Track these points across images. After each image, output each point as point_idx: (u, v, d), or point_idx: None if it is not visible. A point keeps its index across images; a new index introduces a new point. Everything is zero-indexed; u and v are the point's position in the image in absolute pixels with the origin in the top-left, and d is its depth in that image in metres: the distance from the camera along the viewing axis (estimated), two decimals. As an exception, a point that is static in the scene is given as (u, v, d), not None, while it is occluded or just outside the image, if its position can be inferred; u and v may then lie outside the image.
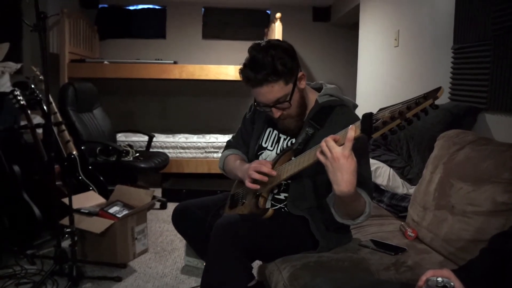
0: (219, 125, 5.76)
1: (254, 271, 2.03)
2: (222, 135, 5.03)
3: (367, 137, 1.29)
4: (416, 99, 1.20)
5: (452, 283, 1.05)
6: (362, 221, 1.55)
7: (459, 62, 2.59)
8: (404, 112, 1.21)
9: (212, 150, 4.77)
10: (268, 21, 5.97)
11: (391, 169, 2.42)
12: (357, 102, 1.82)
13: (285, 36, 4.67)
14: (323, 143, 1.35)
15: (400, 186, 2.37)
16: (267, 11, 6.14)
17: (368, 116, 1.27)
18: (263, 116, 1.84)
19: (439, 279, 1.06)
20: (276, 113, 1.64)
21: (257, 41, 1.65)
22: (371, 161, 2.51)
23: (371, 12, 4.27)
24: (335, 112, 1.68)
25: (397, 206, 2.29)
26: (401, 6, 3.54)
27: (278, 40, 1.68)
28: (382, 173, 2.40)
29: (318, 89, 1.80)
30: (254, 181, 1.65)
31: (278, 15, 4.72)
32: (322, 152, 1.35)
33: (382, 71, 3.90)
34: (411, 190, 2.29)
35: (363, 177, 1.55)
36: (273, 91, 1.58)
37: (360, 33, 4.55)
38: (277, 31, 4.71)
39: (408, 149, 2.42)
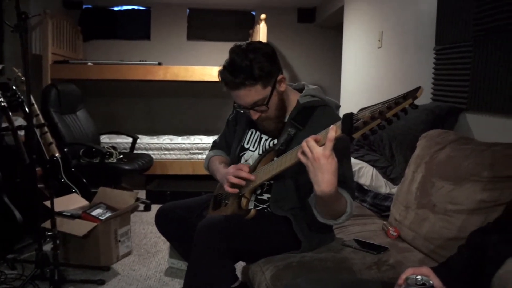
0: (203, 126, 5.75)
1: (238, 272, 2.04)
2: (206, 136, 5.02)
3: (348, 137, 1.29)
4: (396, 99, 1.21)
5: (431, 281, 1.06)
6: (344, 221, 1.56)
7: (440, 63, 2.62)
8: (384, 112, 1.21)
9: (197, 151, 4.75)
10: (253, 22, 5.98)
11: (374, 169, 2.43)
12: (341, 103, 1.83)
13: (270, 37, 4.68)
14: (304, 144, 1.35)
15: (383, 186, 2.38)
16: (252, 12, 6.15)
17: (348, 116, 1.27)
18: (245, 117, 1.84)
19: (418, 277, 1.07)
20: (254, 115, 1.66)
21: (238, 43, 1.66)
22: (355, 161, 2.52)
23: (355, 13, 4.30)
24: (317, 112, 1.69)
25: (380, 205, 2.30)
26: (384, 8, 3.57)
27: (259, 42, 1.69)
28: (365, 173, 2.41)
29: (301, 90, 1.81)
30: (233, 185, 1.66)
31: (262, 16, 4.73)
32: (303, 153, 1.36)
33: (366, 71, 3.92)
34: (394, 189, 2.30)
35: (345, 177, 1.55)
36: (250, 94, 1.59)
37: (344, 34, 4.57)
38: (261, 32, 4.72)
39: (391, 149, 2.43)
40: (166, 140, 4.89)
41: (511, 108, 1.97)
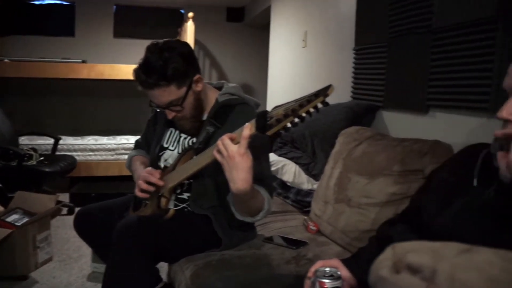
0: (130, 126, 5.58)
1: (164, 273, 2.00)
2: (133, 137, 4.90)
3: (262, 134, 1.31)
4: (308, 97, 1.24)
5: (338, 272, 1.10)
6: (262, 218, 1.58)
7: (359, 63, 2.73)
8: (296, 109, 1.24)
9: (123, 151, 4.62)
10: (181, 20, 5.91)
11: (297, 166, 2.49)
12: (268, 102, 1.86)
13: (198, 36, 4.65)
14: (219, 142, 1.36)
15: (305, 182, 2.44)
16: (181, 10, 6.08)
17: (262, 114, 1.29)
18: (164, 116, 1.82)
19: (327, 269, 1.10)
20: (170, 114, 1.65)
21: (156, 41, 1.65)
22: (278, 158, 2.57)
23: (281, 13, 4.37)
24: (236, 110, 1.70)
25: (302, 201, 2.36)
26: (309, 8, 3.65)
27: (177, 41, 1.68)
28: (288, 170, 2.46)
29: (221, 88, 1.81)
30: (143, 190, 1.67)
31: (190, 14, 4.69)
32: (219, 151, 1.36)
33: (291, 71, 4.01)
34: (316, 185, 2.36)
35: (263, 175, 1.58)
36: (164, 95, 1.59)
37: (271, 33, 4.64)
38: (189, 31, 4.68)
39: (313, 146, 2.50)
40: (91, 140, 4.73)
41: (420, 105, 2.09)
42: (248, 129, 1.31)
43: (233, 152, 1.32)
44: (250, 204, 1.50)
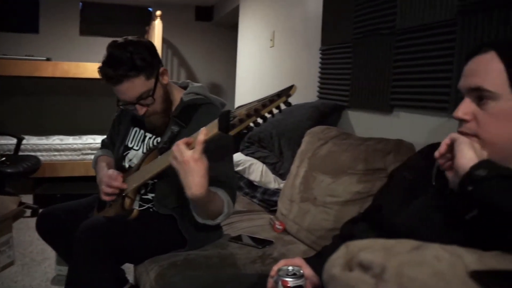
0: (97, 125, 5.48)
1: (130, 275, 1.98)
2: (100, 136, 4.81)
3: (226, 134, 1.30)
4: (270, 97, 1.25)
5: (301, 271, 1.11)
6: (222, 221, 1.60)
7: (325, 63, 2.76)
8: (259, 109, 1.24)
9: (89, 151, 4.54)
10: (149, 19, 5.85)
11: (264, 165, 2.49)
12: (236, 101, 1.85)
13: (167, 35, 4.61)
14: (174, 147, 1.35)
15: (272, 182, 2.45)
16: (149, 9, 6.02)
17: (225, 114, 1.29)
18: (129, 116, 1.80)
19: (290, 267, 1.11)
20: (141, 110, 1.62)
21: (115, 39, 1.63)
22: (246, 157, 2.57)
23: (249, 13, 4.38)
24: (201, 110, 1.69)
25: (268, 200, 2.37)
26: (276, 8, 3.67)
27: (137, 37, 1.67)
28: (255, 170, 2.46)
29: (186, 87, 1.80)
30: (108, 193, 1.65)
31: (158, 12, 4.65)
32: (175, 157, 1.35)
33: (259, 70, 4.02)
34: (282, 184, 2.38)
35: (225, 177, 1.57)
36: (134, 86, 1.56)
37: (240, 33, 4.64)
38: (157, 29, 4.64)
39: (280, 145, 2.51)
40: (56, 140, 4.62)
41: (384, 105, 2.13)
42: (203, 134, 1.31)
43: (188, 157, 1.31)
44: (209, 208, 1.50)
